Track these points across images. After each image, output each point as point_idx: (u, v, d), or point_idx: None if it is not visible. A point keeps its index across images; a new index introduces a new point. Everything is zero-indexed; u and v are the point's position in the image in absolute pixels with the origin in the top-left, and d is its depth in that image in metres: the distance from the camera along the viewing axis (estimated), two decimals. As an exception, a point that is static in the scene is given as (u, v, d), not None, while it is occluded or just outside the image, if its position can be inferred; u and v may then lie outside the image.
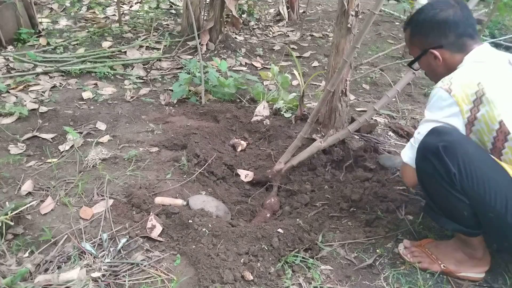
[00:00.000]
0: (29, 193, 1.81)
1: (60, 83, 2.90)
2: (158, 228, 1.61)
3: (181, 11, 4.19)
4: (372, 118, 2.54)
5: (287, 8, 4.87)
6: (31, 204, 1.70)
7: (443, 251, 1.47)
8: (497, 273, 1.47)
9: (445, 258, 1.45)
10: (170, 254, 1.51)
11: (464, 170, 1.21)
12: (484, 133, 1.27)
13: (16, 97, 2.65)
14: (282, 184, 1.95)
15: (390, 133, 2.44)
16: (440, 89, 1.30)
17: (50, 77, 2.96)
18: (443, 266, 1.44)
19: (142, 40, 3.72)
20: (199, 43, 3.39)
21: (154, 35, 3.84)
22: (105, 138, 2.25)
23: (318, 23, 4.81)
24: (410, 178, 1.40)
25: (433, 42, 1.42)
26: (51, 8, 4.39)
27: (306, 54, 3.85)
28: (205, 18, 3.77)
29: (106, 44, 3.57)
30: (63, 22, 4.04)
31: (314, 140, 2.07)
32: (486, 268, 1.43)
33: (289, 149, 1.95)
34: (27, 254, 1.49)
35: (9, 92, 2.70)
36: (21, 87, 2.79)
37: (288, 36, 4.41)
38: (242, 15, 4.65)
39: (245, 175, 1.99)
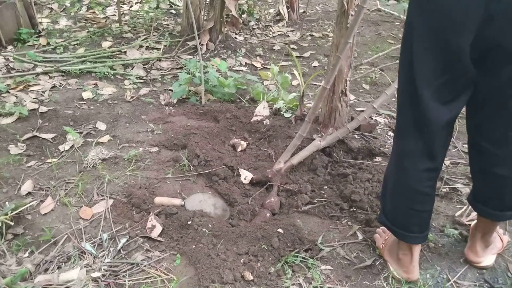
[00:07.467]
0: (29, 193, 1.81)
1: (60, 83, 2.90)
2: (158, 228, 1.61)
3: (181, 11, 4.19)
4: (372, 118, 2.54)
5: (287, 8, 4.87)
6: (31, 204, 1.70)
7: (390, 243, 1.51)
8: (497, 273, 1.47)
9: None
10: (170, 254, 1.52)
11: None
12: None
13: (16, 97, 2.65)
14: (282, 184, 1.95)
15: (390, 133, 2.44)
16: None
17: (50, 77, 2.96)
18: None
19: (142, 40, 3.72)
20: (199, 43, 3.39)
21: (154, 35, 3.83)
22: (105, 138, 2.25)
23: (318, 23, 4.81)
24: None
25: None
26: (51, 8, 4.39)
27: (306, 54, 3.85)
28: (205, 18, 3.77)
29: (106, 44, 3.57)
30: (63, 22, 4.04)
31: (314, 140, 2.07)
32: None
33: (288, 149, 1.95)
34: (27, 254, 1.49)
35: (9, 92, 2.70)
36: (21, 87, 2.79)
37: (288, 36, 4.41)
38: (242, 15, 4.65)
39: (244, 177, 1.99)
